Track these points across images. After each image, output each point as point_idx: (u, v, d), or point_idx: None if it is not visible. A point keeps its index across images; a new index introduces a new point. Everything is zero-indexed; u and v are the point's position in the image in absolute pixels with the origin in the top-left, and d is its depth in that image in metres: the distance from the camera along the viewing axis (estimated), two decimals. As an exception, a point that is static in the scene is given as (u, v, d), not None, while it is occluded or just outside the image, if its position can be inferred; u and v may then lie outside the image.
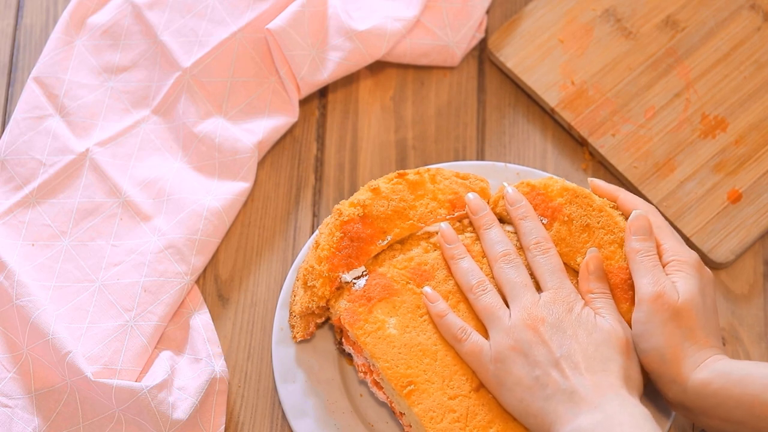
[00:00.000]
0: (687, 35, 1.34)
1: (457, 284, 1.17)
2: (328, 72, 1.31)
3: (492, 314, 1.13)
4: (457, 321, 1.14)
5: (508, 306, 1.14)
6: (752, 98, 1.31)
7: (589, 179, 1.21)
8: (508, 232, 1.20)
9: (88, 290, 1.23)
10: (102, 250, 1.25)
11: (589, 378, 1.07)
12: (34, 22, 1.38)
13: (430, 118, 1.34)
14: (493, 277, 1.17)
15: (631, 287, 1.15)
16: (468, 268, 1.17)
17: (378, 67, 1.36)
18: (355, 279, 1.17)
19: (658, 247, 1.15)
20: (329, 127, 1.34)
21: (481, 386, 1.13)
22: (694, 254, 1.14)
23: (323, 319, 1.20)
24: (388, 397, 1.17)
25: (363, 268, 1.18)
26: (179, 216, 1.25)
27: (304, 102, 1.34)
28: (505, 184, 1.21)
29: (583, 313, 1.11)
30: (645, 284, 1.12)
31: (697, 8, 1.35)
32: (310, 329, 1.20)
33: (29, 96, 1.31)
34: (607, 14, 1.35)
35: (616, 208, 1.19)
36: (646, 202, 1.18)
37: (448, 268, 1.18)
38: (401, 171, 1.21)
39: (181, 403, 1.17)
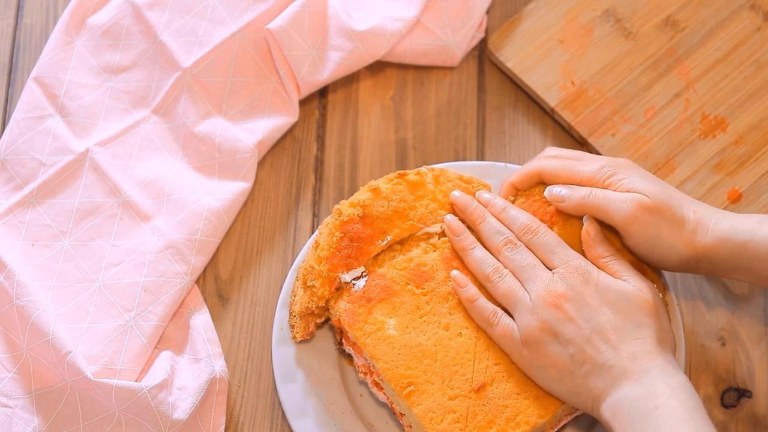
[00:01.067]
0: (687, 35, 1.34)
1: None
2: (328, 72, 1.31)
3: (513, 297, 1.12)
4: (488, 305, 1.14)
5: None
6: (752, 98, 1.31)
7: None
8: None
9: (88, 290, 1.23)
10: (102, 250, 1.25)
11: (624, 349, 1.07)
12: (34, 22, 1.38)
13: (430, 118, 1.34)
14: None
15: (638, 267, 1.16)
16: (481, 257, 1.16)
17: (378, 67, 1.36)
18: (354, 279, 1.17)
19: (579, 179, 1.16)
20: (329, 127, 1.34)
21: (480, 386, 1.13)
22: (615, 160, 1.16)
23: (323, 319, 1.20)
24: (388, 398, 1.17)
25: (362, 269, 1.18)
26: (179, 216, 1.25)
27: (304, 102, 1.34)
28: (448, 217, 1.19)
29: (601, 281, 1.11)
30: (614, 211, 1.12)
31: (697, 8, 1.35)
32: (310, 329, 1.20)
33: (29, 96, 1.31)
34: (607, 14, 1.35)
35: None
36: (534, 163, 1.19)
37: (448, 269, 1.18)
38: (401, 171, 1.21)
39: (181, 403, 1.17)
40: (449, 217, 1.19)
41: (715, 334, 1.24)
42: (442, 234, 1.20)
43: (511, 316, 1.13)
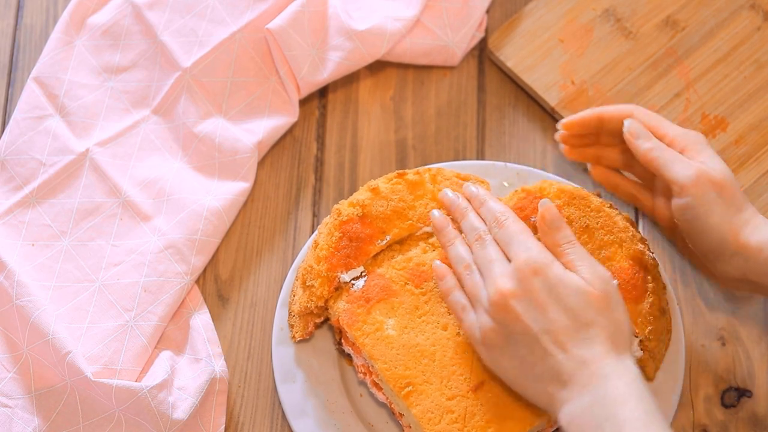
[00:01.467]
0: (687, 35, 1.34)
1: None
2: (328, 72, 1.31)
3: (474, 295, 1.09)
4: (460, 299, 1.11)
5: None
6: (752, 98, 1.31)
7: (560, 122, 1.21)
8: None
9: (88, 290, 1.23)
10: (102, 250, 1.25)
11: (574, 353, 1.03)
12: (34, 22, 1.38)
13: (430, 118, 1.34)
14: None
15: (635, 287, 1.15)
16: (457, 253, 1.13)
17: (378, 66, 1.36)
18: (353, 279, 1.17)
19: (665, 138, 1.15)
20: (329, 127, 1.34)
21: (479, 386, 1.13)
22: (698, 133, 1.15)
23: (322, 319, 1.20)
24: (387, 398, 1.17)
25: (362, 269, 1.18)
26: (179, 216, 1.25)
27: (304, 102, 1.34)
28: (433, 212, 1.17)
29: (552, 275, 1.06)
30: (679, 170, 1.12)
31: (697, 8, 1.35)
32: (309, 329, 1.20)
33: (29, 96, 1.31)
34: (607, 14, 1.35)
35: (614, 208, 1.19)
36: (629, 106, 1.19)
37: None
38: (401, 171, 1.21)
39: (181, 403, 1.17)
40: (435, 212, 1.17)
41: (715, 334, 1.24)
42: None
43: None
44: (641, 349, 1.16)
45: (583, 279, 1.06)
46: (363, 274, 1.17)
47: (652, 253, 1.18)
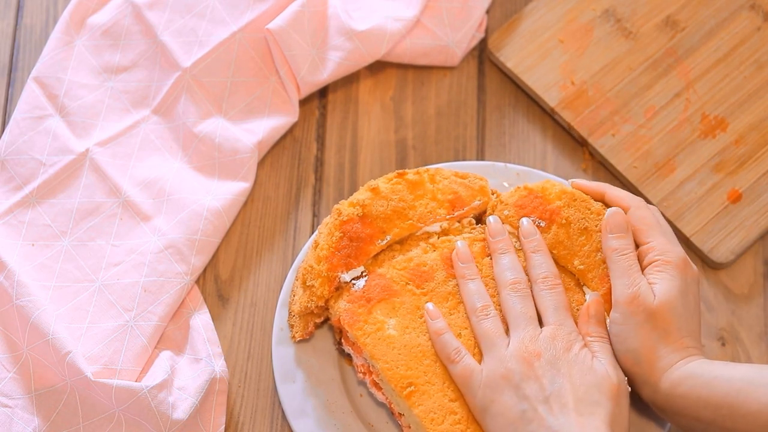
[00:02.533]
0: (687, 35, 1.34)
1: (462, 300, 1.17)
2: (328, 72, 1.31)
3: (490, 340, 1.12)
4: (453, 342, 1.13)
5: (508, 333, 1.13)
6: (752, 98, 1.31)
7: (571, 180, 1.21)
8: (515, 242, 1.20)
9: (88, 290, 1.23)
10: (102, 250, 1.25)
11: (576, 419, 1.06)
12: (34, 22, 1.38)
13: (430, 118, 1.34)
14: (498, 299, 1.16)
15: None
16: (475, 290, 1.16)
17: (378, 67, 1.36)
18: (354, 279, 1.17)
19: (644, 245, 1.15)
20: (329, 127, 1.34)
21: None
22: (680, 252, 1.14)
23: (322, 318, 1.20)
24: (387, 398, 1.17)
25: (362, 269, 1.17)
26: (179, 216, 1.25)
27: (304, 102, 1.34)
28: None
29: (580, 354, 1.10)
30: (620, 285, 1.12)
31: (697, 8, 1.35)
32: (309, 329, 1.20)
33: (29, 96, 1.31)
34: (607, 14, 1.35)
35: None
36: (635, 196, 1.19)
37: (448, 269, 1.18)
38: (400, 171, 1.21)
39: (181, 403, 1.17)
40: (460, 243, 1.18)
41: (715, 334, 1.24)
42: (442, 233, 1.20)
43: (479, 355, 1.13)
44: None
45: (604, 368, 1.10)
46: (363, 273, 1.17)
47: None
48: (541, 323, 1.13)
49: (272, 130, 1.30)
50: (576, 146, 1.32)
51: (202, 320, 1.23)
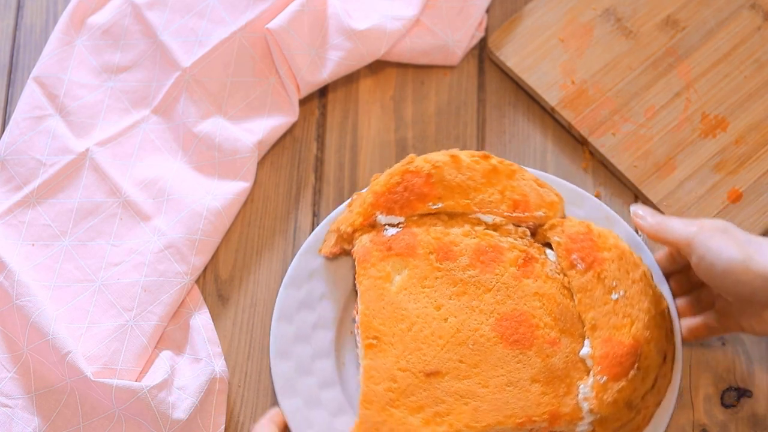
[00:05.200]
0: (687, 35, 1.34)
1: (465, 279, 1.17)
2: (327, 71, 1.31)
3: None
4: None
5: None
6: (752, 98, 1.31)
7: (631, 206, 1.20)
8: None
9: (88, 290, 1.23)
10: (102, 250, 1.25)
11: None
12: (34, 22, 1.38)
13: (430, 117, 1.34)
14: (556, 305, 1.16)
15: (620, 365, 1.13)
16: None
17: (378, 66, 1.36)
18: (389, 225, 1.18)
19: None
20: (329, 127, 1.34)
21: (433, 373, 1.13)
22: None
23: (351, 247, 1.20)
24: (358, 344, 1.18)
25: (402, 220, 1.18)
26: (179, 216, 1.25)
27: (304, 102, 1.34)
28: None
29: None
30: (682, 228, 1.14)
31: (697, 8, 1.35)
32: (334, 250, 1.21)
33: (29, 96, 1.31)
34: (608, 14, 1.35)
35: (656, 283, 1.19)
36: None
37: (474, 259, 1.17)
38: (487, 153, 1.21)
39: (181, 403, 1.17)
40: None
41: (715, 334, 1.24)
42: (491, 227, 1.20)
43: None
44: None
45: None
46: (400, 225, 1.18)
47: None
48: None
49: (272, 129, 1.30)
50: (576, 145, 1.32)
51: (202, 320, 1.23)
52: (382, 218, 1.18)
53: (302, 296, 1.22)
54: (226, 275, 1.27)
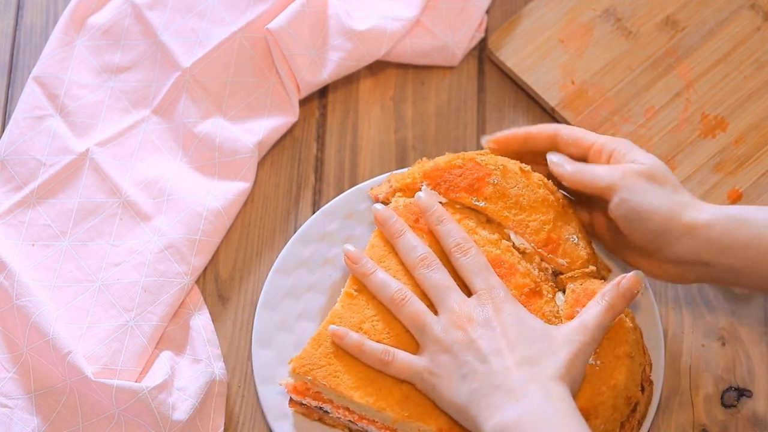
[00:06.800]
0: (687, 35, 1.34)
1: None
2: (328, 72, 1.31)
3: (420, 321, 1.11)
4: (377, 346, 1.12)
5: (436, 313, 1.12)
6: (752, 98, 1.31)
7: (485, 138, 1.21)
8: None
9: (88, 290, 1.23)
10: (102, 250, 1.25)
11: (517, 372, 1.05)
12: (34, 22, 1.38)
13: (430, 117, 1.34)
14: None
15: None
16: (383, 279, 1.14)
17: (378, 67, 1.36)
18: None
19: (590, 147, 1.16)
20: (329, 127, 1.34)
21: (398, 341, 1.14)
22: (625, 139, 1.15)
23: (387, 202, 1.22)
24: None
25: (444, 200, 1.18)
26: (179, 216, 1.25)
27: (304, 102, 1.34)
28: (419, 193, 1.19)
29: (515, 312, 1.09)
30: (604, 174, 1.12)
31: (697, 8, 1.35)
32: (383, 197, 1.22)
33: (29, 96, 1.31)
34: (607, 14, 1.35)
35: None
36: (552, 125, 1.19)
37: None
38: (554, 186, 1.19)
39: (181, 404, 1.17)
40: (347, 247, 1.17)
41: (715, 334, 1.24)
42: (518, 249, 1.18)
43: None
44: None
45: (544, 324, 1.10)
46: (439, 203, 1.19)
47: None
48: (467, 292, 1.13)
49: (272, 130, 1.30)
50: (576, 146, 1.32)
51: (202, 321, 1.23)
52: (426, 190, 1.18)
53: (289, 285, 1.22)
54: (226, 275, 1.27)
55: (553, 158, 1.17)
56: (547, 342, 1.07)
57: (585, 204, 1.21)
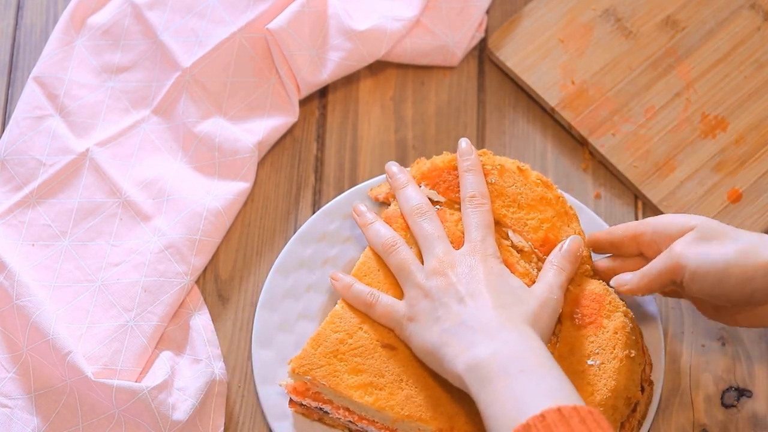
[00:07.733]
0: (687, 35, 1.34)
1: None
2: (328, 72, 1.31)
3: (404, 270, 1.14)
4: (364, 288, 1.15)
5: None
6: (752, 98, 1.31)
7: (589, 234, 1.20)
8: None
9: (88, 290, 1.23)
10: (102, 250, 1.25)
11: (492, 313, 1.07)
12: (34, 22, 1.38)
13: (430, 117, 1.34)
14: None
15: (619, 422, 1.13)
16: (378, 229, 1.18)
17: (378, 67, 1.36)
18: (428, 197, 1.19)
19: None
20: (329, 127, 1.34)
21: (389, 347, 1.14)
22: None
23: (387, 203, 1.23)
24: None
25: (443, 200, 1.19)
26: (179, 216, 1.25)
27: (304, 102, 1.34)
28: (463, 140, 1.21)
29: (497, 268, 1.12)
30: (662, 260, 1.10)
31: (697, 8, 1.35)
32: (381, 197, 1.24)
33: (29, 96, 1.31)
34: (607, 14, 1.35)
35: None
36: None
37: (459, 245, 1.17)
38: (552, 183, 1.19)
39: (181, 404, 1.17)
40: (359, 206, 1.21)
41: (715, 334, 1.24)
42: (515, 248, 1.17)
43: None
44: None
45: (524, 284, 1.12)
46: (438, 205, 1.19)
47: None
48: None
49: (272, 130, 1.30)
50: (576, 146, 1.32)
51: (202, 321, 1.23)
52: (424, 190, 1.19)
53: (289, 285, 1.22)
54: (226, 275, 1.27)
55: (613, 285, 1.15)
56: (519, 295, 1.10)
57: (675, 293, 1.18)
